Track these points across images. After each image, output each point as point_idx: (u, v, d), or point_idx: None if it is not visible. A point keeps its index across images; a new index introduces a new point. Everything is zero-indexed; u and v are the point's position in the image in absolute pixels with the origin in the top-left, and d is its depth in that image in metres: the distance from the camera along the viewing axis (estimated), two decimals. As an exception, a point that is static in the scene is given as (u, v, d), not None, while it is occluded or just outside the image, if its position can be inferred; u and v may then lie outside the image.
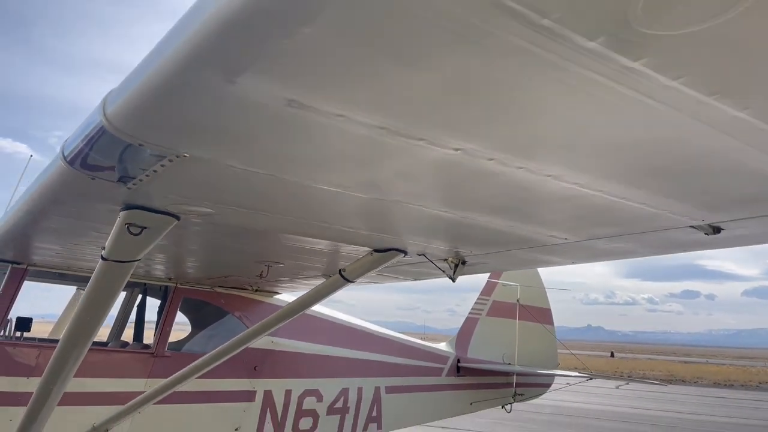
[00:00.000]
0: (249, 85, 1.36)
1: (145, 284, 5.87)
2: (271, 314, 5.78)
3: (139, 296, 6.36)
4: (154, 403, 5.22)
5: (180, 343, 6.03)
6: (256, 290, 5.94)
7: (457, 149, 1.72)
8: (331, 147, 1.78)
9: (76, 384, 4.92)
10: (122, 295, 6.35)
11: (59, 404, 4.63)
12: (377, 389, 7.00)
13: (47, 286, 5.68)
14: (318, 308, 6.84)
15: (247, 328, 5.92)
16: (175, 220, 2.60)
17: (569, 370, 10.01)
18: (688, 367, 70.70)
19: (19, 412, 4.03)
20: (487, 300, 9.03)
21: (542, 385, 9.20)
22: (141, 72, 1.51)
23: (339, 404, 6.59)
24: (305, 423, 6.31)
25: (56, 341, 5.43)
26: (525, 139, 1.67)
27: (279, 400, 6.08)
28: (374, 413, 6.96)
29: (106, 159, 1.94)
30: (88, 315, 3.04)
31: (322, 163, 1.97)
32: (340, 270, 3.43)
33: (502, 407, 8.76)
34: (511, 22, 1.10)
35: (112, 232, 2.58)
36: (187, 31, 1.27)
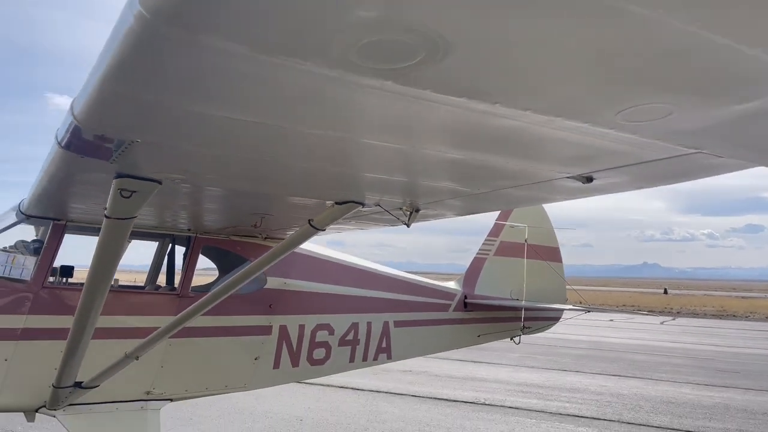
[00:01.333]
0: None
1: (172, 235, 6.63)
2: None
3: (169, 246, 7.16)
4: (186, 338, 6.14)
5: (204, 287, 6.83)
6: (266, 238, 6.64)
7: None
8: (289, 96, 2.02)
9: (113, 320, 5.82)
10: (155, 245, 7.16)
11: (101, 338, 5.53)
12: (386, 323, 7.72)
13: (87, 237, 6.54)
14: (328, 252, 7.56)
15: (263, 272, 6.71)
16: (158, 184, 3.26)
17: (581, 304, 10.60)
18: (742, 302, 69.66)
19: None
20: (495, 240, 9.56)
21: (550, 318, 9.77)
22: (91, 79, 2.09)
23: (349, 337, 7.35)
24: (318, 353, 7.10)
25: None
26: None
27: (293, 334, 6.87)
28: (384, 344, 7.71)
29: (85, 145, 2.58)
30: (101, 263, 3.79)
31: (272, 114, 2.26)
32: (309, 220, 4.05)
33: (511, 339, 9.40)
34: None
35: (109, 195, 3.26)
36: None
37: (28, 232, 6.10)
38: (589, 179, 2.88)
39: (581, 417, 11.64)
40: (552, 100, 1.97)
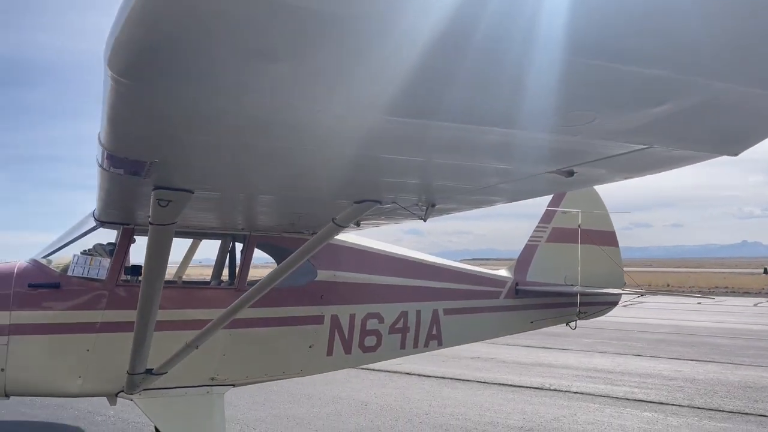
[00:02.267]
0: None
1: (233, 234, 7.19)
2: (325, 249, 7.00)
3: (230, 244, 7.75)
4: (244, 328, 6.69)
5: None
6: (312, 233, 7.08)
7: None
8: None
9: (180, 314, 6.43)
10: (219, 243, 7.77)
11: (169, 329, 6.15)
12: (435, 311, 8.01)
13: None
14: (376, 245, 7.93)
15: (313, 265, 7.18)
16: (190, 194, 3.71)
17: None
18: None
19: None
20: (547, 227, 9.61)
21: (607, 303, 9.72)
22: (104, 115, 2.53)
23: (399, 325, 7.71)
24: (370, 340, 7.51)
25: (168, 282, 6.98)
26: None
27: (344, 323, 7.30)
28: (434, 332, 8.01)
29: (118, 165, 3.05)
30: (151, 264, 4.33)
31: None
32: (333, 218, 4.41)
33: (567, 324, 9.45)
34: None
35: (150, 204, 3.75)
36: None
37: (105, 236, 6.83)
38: (570, 173, 3.08)
39: (648, 402, 11.50)
40: (514, 116, 2.26)
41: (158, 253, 4.26)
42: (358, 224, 6.37)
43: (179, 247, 8.49)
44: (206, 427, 6.29)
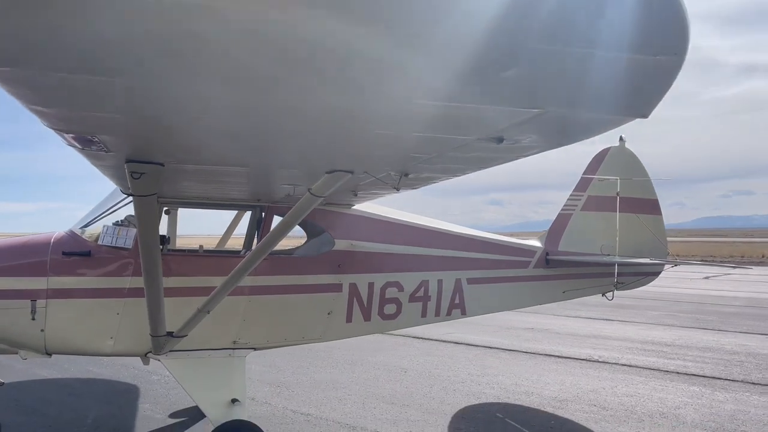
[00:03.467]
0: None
1: (252, 206, 7.43)
2: (341, 219, 7.16)
3: (257, 215, 8.04)
4: (263, 295, 7.00)
5: (287, 251, 7.62)
6: (326, 204, 7.25)
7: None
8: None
9: (203, 281, 6.78)
10: (248, 214, 8.07)
11: (192, 295, 6.50)
12: (458, 281, 8.04)
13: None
14: (396, 215, 8.01)
15: (330, 235, 7.37)
16: (161, 166, 3.93)
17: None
18: None
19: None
20: (582, 195, 9.33)
21: (648, 273, 9.37)
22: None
23: (420, 293, 7.80)
24: (389, 308, 7.65)
25: (182, 251, 7.39)
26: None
27: (363, 291, 7.47)
28: (457, 301, 8.05)
29: (73, 142, 3.30)
30: (144, 232, 4.62)
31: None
32: (309, 189, 4.54)
33: (603, 295, 9.21)
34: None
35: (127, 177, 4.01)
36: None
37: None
38: (500, 140, 3.06)
39: (699, 376, 11.05)
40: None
41: (147, 223, 4.55)
42: (355, 194, 6.46)
43: (222, 219, 8.88)
44: (227, 388, 6.66)
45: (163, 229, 7.15)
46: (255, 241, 7.80)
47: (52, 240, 6.58)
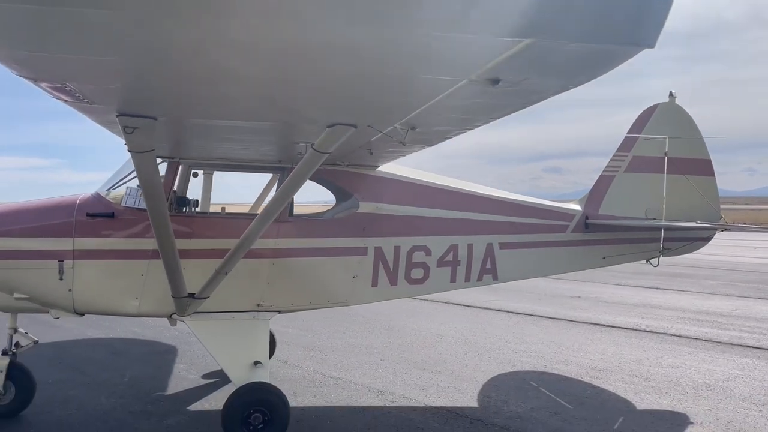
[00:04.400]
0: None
1: (279, 168, 7.30)
2: (366, 181, 6.95)
3: (283, 178, 7.92)
4: (286, 258, 6.91)
5: (313, 214, 7.47)
6: (348, 165, 7.04)
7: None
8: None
9: (226, 243, 6.71)
10: (274, 179, 7.96)
11: (216, 257, 6.44)
12: (489, 245, 7.73)
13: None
14: (424, 177, 7.72)
15: (355, 198, 7.19)
16: (153, 120, 3.79)
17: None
18: None
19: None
20: (625, 156, 8.76)
21: (697, 239, 8.80)
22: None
23: (449, 258, 7.54)
24: (417, 273, 7.43)
25: (205, 213, 7.36)
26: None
27: (389, 255, 7.27)
28: (488, 266, 7.75)
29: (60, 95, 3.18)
30: (147, 189, 4.54)
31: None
32: (311, 144, 4.33)
33: (647, 261, 8.71)
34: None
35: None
36: None
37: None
38: (495, 81, 2.76)
39: (755, 348, 10.45)
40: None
41: (148, 180, 4.46)
42: (371, 152, 6.19)
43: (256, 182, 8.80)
44: (250, 350, 6.63)
45: (192, 192, 7.19)
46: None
47: (78, 202, 6.63)
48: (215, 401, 7.37)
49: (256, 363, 6.49)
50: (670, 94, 8.86)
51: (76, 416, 6.98)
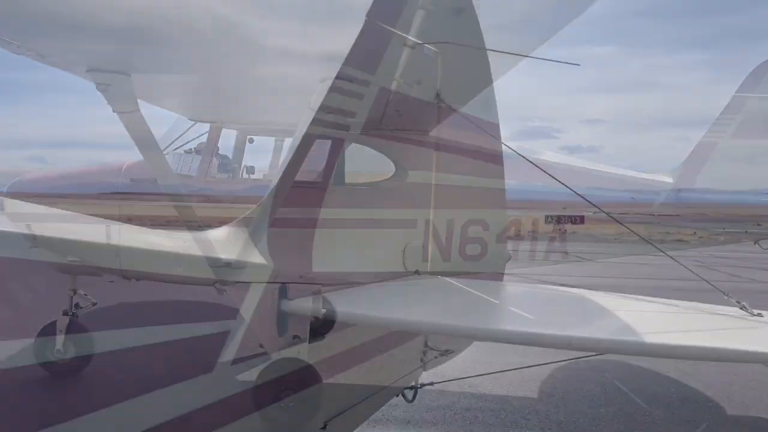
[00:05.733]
0: None
1: (336, 137, 6.88)
2: (416, 148, 6.43)
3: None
4: (329, 229, 6.56)
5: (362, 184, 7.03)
6: (397, 130, 6.47)
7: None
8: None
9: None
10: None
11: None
12: (559, 219, 6.93)
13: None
14: (483, 142, 6.97)
15: (402, 165, 6.66)
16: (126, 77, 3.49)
17: None
18: None
19: None
20: (733, 118, 7.49)
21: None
22: None
23: (510, 234, 6.83)
24: (473, 248, 6.79)
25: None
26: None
27: (441, 228, 6.68)
28: (557, 242, 6.97)
29: None
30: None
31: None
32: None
33: (756, 243, 7.49)
34: None
35: None
36: None
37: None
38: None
39: None
40: None
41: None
42: (399, 114, 5.57)
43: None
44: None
45: (248, 158, 7.03)
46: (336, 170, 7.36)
47: (124, 167, 6.64)
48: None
49: (295, 337, 6.24)
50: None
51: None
